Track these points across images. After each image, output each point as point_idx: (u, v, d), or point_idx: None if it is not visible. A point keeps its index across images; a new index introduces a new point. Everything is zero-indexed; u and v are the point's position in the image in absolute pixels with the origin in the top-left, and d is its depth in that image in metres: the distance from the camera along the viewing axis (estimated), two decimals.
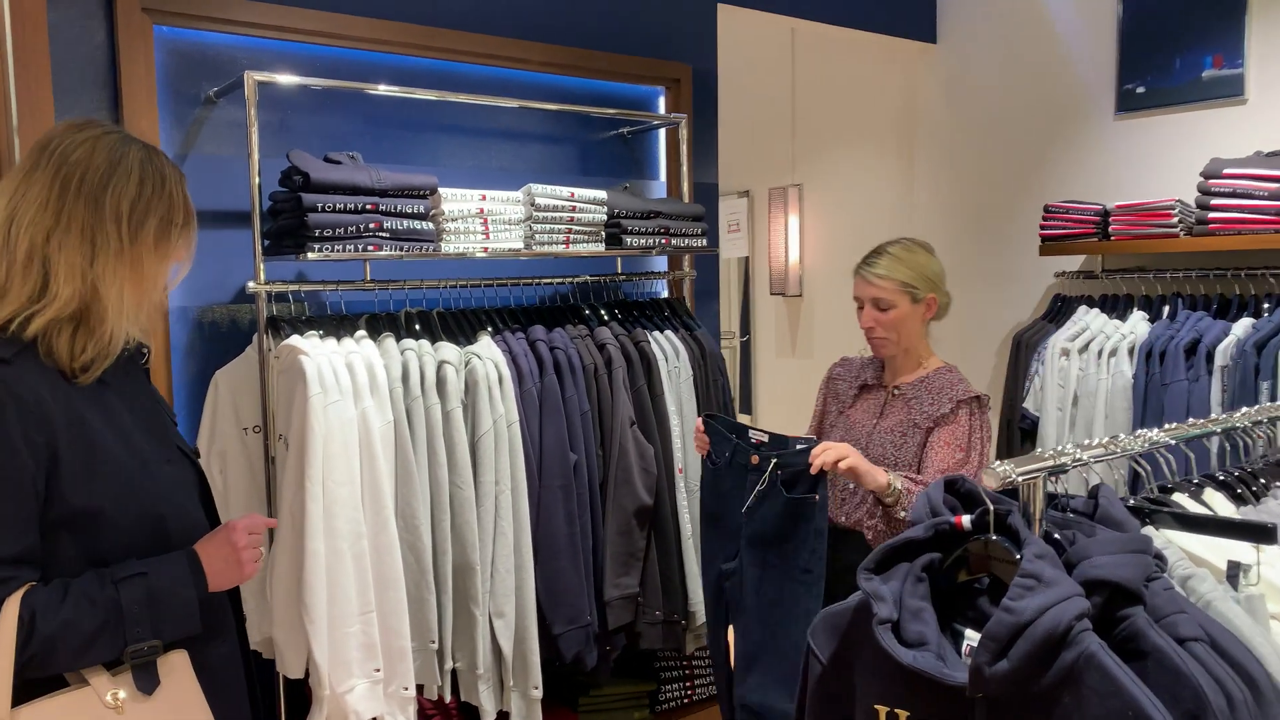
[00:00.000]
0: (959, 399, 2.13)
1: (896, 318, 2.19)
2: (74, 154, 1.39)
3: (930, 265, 2.22)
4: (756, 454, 2.09)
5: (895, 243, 2.24)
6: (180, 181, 1.49)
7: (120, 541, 1.37)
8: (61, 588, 1.31)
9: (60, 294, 1.34)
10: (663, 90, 3.22)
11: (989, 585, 1.17)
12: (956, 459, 2.08)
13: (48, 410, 1.31)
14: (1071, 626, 1.02)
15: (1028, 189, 3.84)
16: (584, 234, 2.68)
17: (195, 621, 1.39)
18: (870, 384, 2.32)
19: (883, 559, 1.19)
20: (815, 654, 1.26)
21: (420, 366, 2.30)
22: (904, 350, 2.23)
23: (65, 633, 1.28)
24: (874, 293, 2.19)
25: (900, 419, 2.20)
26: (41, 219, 1.36)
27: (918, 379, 2.22)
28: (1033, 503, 1.15)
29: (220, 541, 1.46)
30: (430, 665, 2.28)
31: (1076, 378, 3.21)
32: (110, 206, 1.38)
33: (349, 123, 2.64)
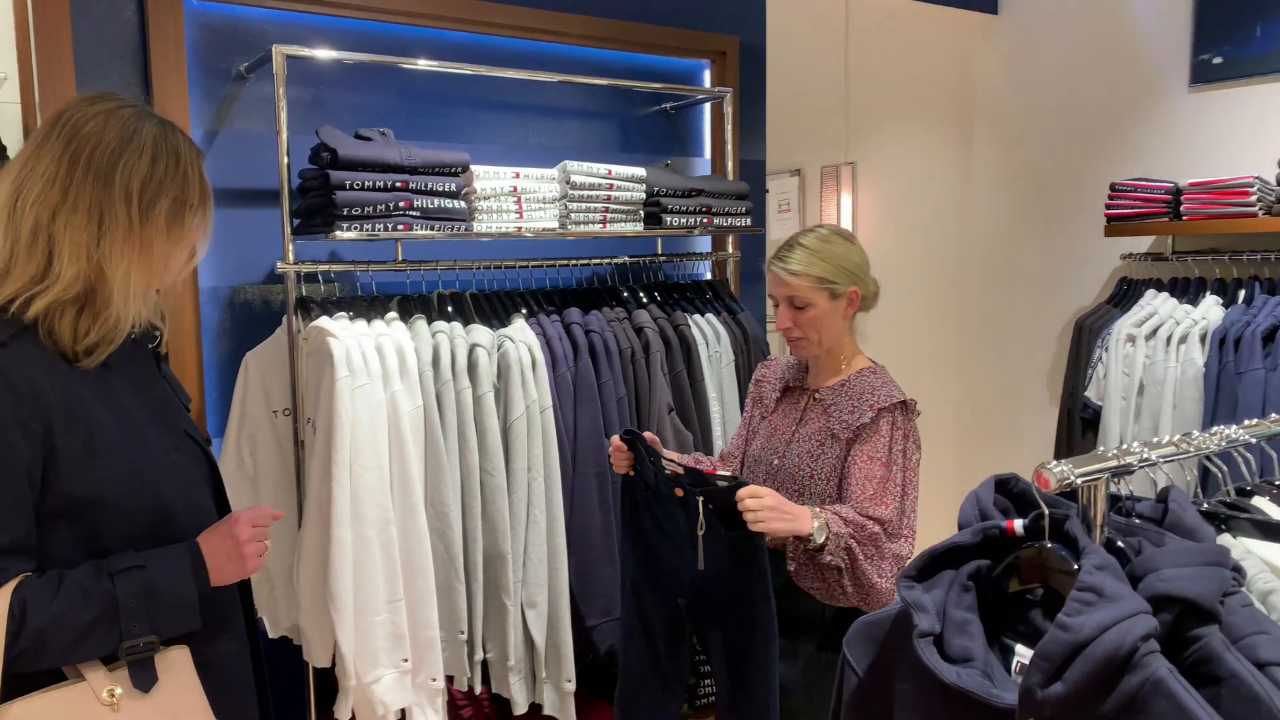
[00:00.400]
0: (880, 406, 1.90)
1: (815, 316, 1.95)
2: (85, 127, 1.32)
3: (849, 255, 1.98)
4: (679, 486, 1.85)
5: (809, 232, 2.00)
6: (197, 160, 1.41)
7: (121, 532, 1.31)
8: (56, 580, 1.25)
9: (63, 275, 1.28)
10: (708, 63, 3.10)
11: (1043, 597, 1.06)
12: (877, 476, 1.86)
13: (44, 395, 1.25)
14: (1136, 648, 0.91)
15: (1093, 167, 3.65)
16: (622, 213, 2.59)
17: (195, 617, 1.33)
18: (792, 387, 2.10)
19: (925, 565, 1.08)
20: (851, 665, 1.17)
21: (451, 349, 2.23)
22: (827, 350, 2.01)
23: (58, 626, 1.23)
24: (788, 290, 1.96)
25: (818, 427, 1.98)
26: (48, 195, 1.29)
27: (838, 383, 2.00)
28: (1094, 507, 1.04)
29: (222, 534, 1.39)
30: (460, 656, 2.22)
31: (1143, 365, 3.05)
32: (120, 184, 1.31)
33: (382, 99, 2.58)
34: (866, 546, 1.80)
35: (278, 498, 2.30)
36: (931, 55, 4.31)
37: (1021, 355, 3.99)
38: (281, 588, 2.31)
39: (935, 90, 4.32)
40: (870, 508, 1.83)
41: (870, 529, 1.81)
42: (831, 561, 1.78)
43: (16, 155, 1.35)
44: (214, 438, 2.39)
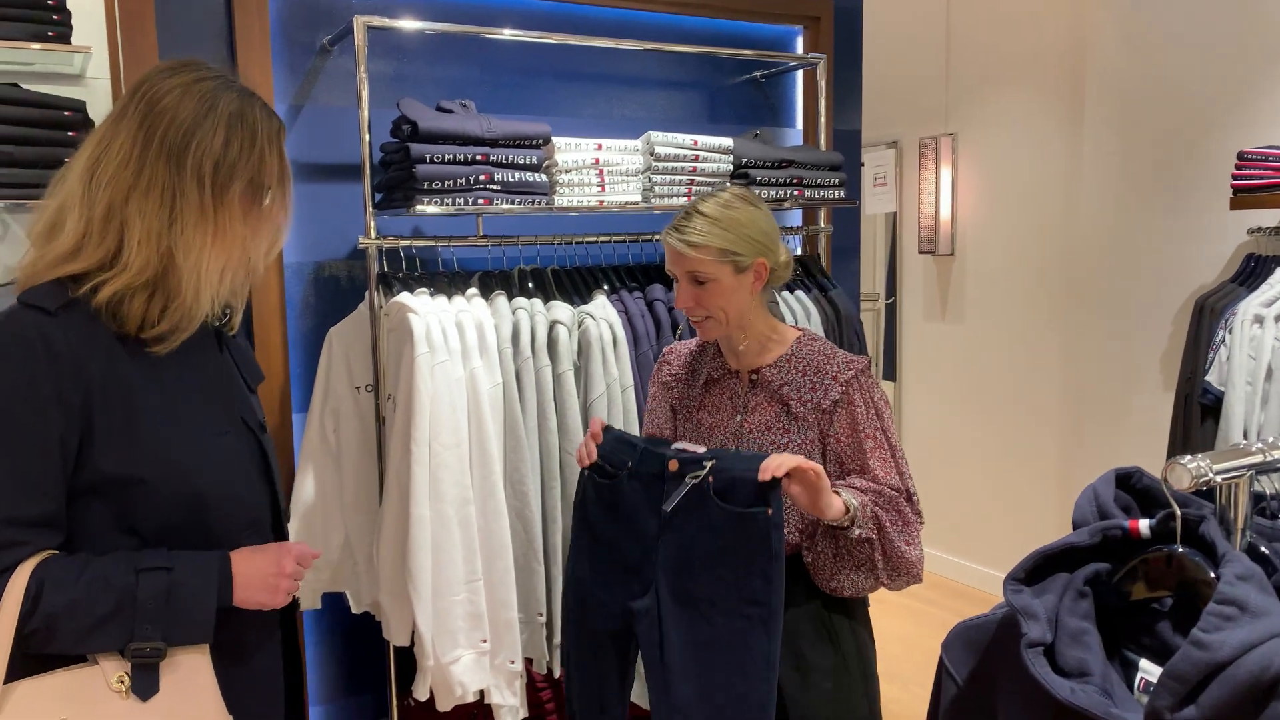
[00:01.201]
0: (844, 377, 1.71)
1: (718, 292, 1.73)
2: (162, 101, 1.26)
3: (756, 223, 1.75)
4: (677, 459, 1.62)
5: (710, 198, 1.77)
6: (276, 137, 1.34)
7: (154, 514, 1.26)
8: (81, 564, 1.22)
9: (133, 263, 1.24)
10: (800, 29, 2.97)
11: (1172, 607, 0.94)
12: (866, 448, 1.69)
13: (86, 368, 1.22)
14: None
15: (1218, 136, 3.39)
16: (708, 185, 2.49)
17: (208, 631, 1.26)
18: (716, 375, 1.84)
19: (1035, 567, 0.98)
20: (950, 672, 1.07)
21: (532, 326, 2.18)
22: (737, 328, 1.78)
23: (70, 613, 1.19)
24: (687, 265, 1.73)
25: (772, 412, 1.75)
26: (122, 175, 1.25)
27: (780, 359, 1.77)
28: (1234, 508, 0.92)
29: (269, 559, 1.33)
30: (538, 638, 2.18)
31: (1272, 348, 2.82)
32: (192, 166, 1.26)
33: (465, 70, 2.54)
34: (890, 512, 1.65)
35: (359, 473, 2.29)
36: (1039, 19, 4.08)
37: (1134, 337, 3.75)
38: (364, 564, 2.30)
39: (1043, 56, 4.09)
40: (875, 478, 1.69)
41: (887, 493, 1.66)
42: (861, 534, 1.61)
43: (98, 126, 1.31)
44: (298, 413, 2.39)
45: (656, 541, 1.63)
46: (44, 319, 1.20)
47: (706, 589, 1.58)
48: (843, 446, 1.72)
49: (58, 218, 1.26)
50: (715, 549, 1.57)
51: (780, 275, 1.82)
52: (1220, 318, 3.03)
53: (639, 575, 1.66)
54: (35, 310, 1.21)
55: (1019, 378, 4.30)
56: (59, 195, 1.28)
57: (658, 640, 1.62)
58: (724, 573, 1.57)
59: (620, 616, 1.67)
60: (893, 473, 1.70)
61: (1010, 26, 4.21)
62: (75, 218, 1.25)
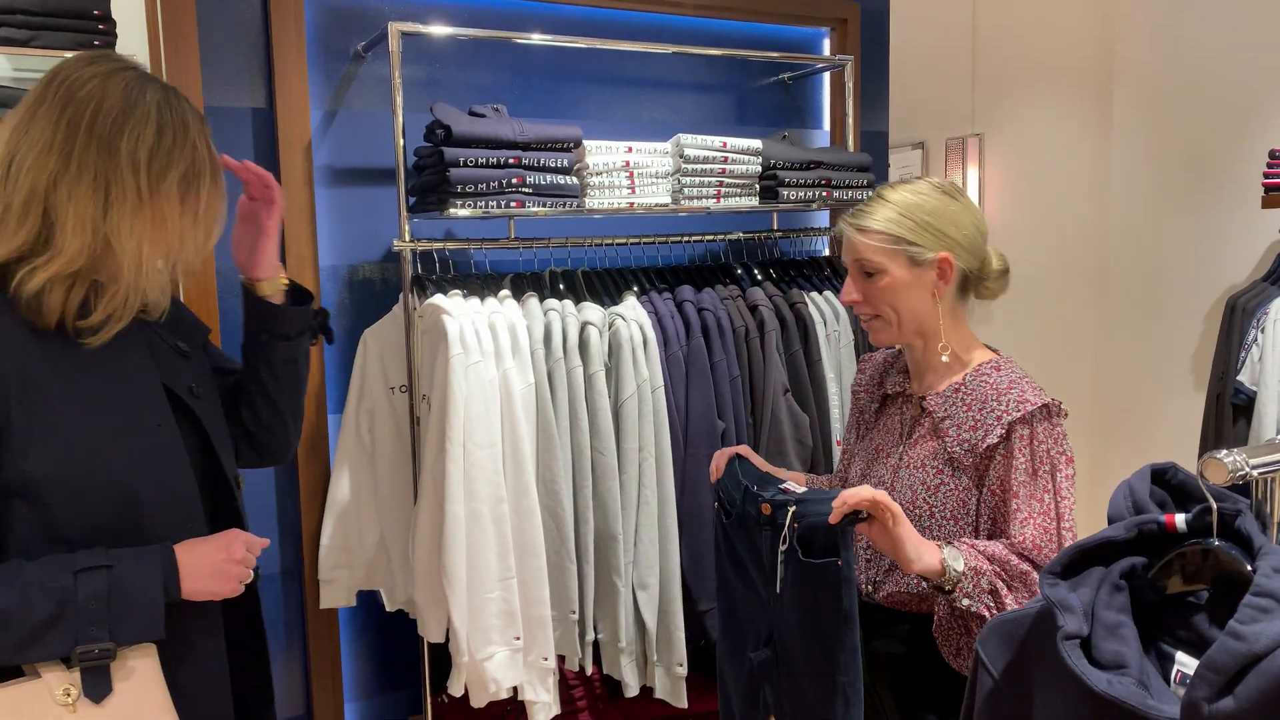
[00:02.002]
0: (1011, 418, 1.45)
1: (888, 287, 1.53)
2: (82, 90, 1.24)
3: (946, 213, 1.53)
4: (768, 502, 1.48)
5: (899, 184, 1.57)
6: (204, 132, 1.33)
7: (81, 515, 1.22)
8: (13, 571, 1.17)
9: (67, 248, 1.21)
10: (827, 31, 2.98)
11: (1209, 600, 0.95)
12: (1018, 506, 1.45)
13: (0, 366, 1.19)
14: None
15: (1249, 134, 3.37)
16: (737, 187, 2.51)
17: (158, 627, 1.22)
18: (893, 393, 1.66)
19: (1071, 561, 0.99)
20: (985, 666, 1.08)
21: (563, 327, 2.21)
22: (916, 334, 1.57)
23: (5, 623, 1.15)
24: (857, 252, 1.55)
25: (931, 449, 1.54)
26: (46, 161, 1.22)
27: (950, 387, 1.55)
28: (1270, 502, 0.93)
29: (216, 545, 1.31)
30: (571, 636, 2.21)
31: None
32: (126, 153, 1.23)
33: (496, 75, 2.57)
34: (1018, 591, 1.41)
35: (394, 472, 2.32)
36: (1068, 18, 4.06)
37: (1164, 336, 3.73)
38: (398, 561, 2.34)
39: (1071, 56, 4.07)
40: (1016, 544, 1.45)
41: (1019, 568, 1.42)
42: (970, 607, 1.39)
43: (8, 116, 1.26)
44: (333, 413, 2.43)
45: (768, 591, 1.51)
46: None
47: (802, 649, 1.47)
48: (995, 500, 1.49)
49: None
50: (800, 605, 1.45)
51: (989, 287, 1.59)
52: (1252, 317, 3.02)
53: (757, 622, 1.55)
54: None
55: (1049, 378, 4.27)
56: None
57: (777, 692, 1.53)
58: (809, 633, 1.45)
59: (747, 666, 1.57)
60: (1042, 543, 1.43)
61: (1037, 26, 4.19)
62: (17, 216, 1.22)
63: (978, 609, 1.39)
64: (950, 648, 1.48)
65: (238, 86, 2.28)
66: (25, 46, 1.75)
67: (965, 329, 1.61)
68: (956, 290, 1.58)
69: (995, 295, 1.61)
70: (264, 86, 2.30)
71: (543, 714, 2.15)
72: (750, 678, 1.58)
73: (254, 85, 2.29)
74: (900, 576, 1.55)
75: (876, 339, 1.61)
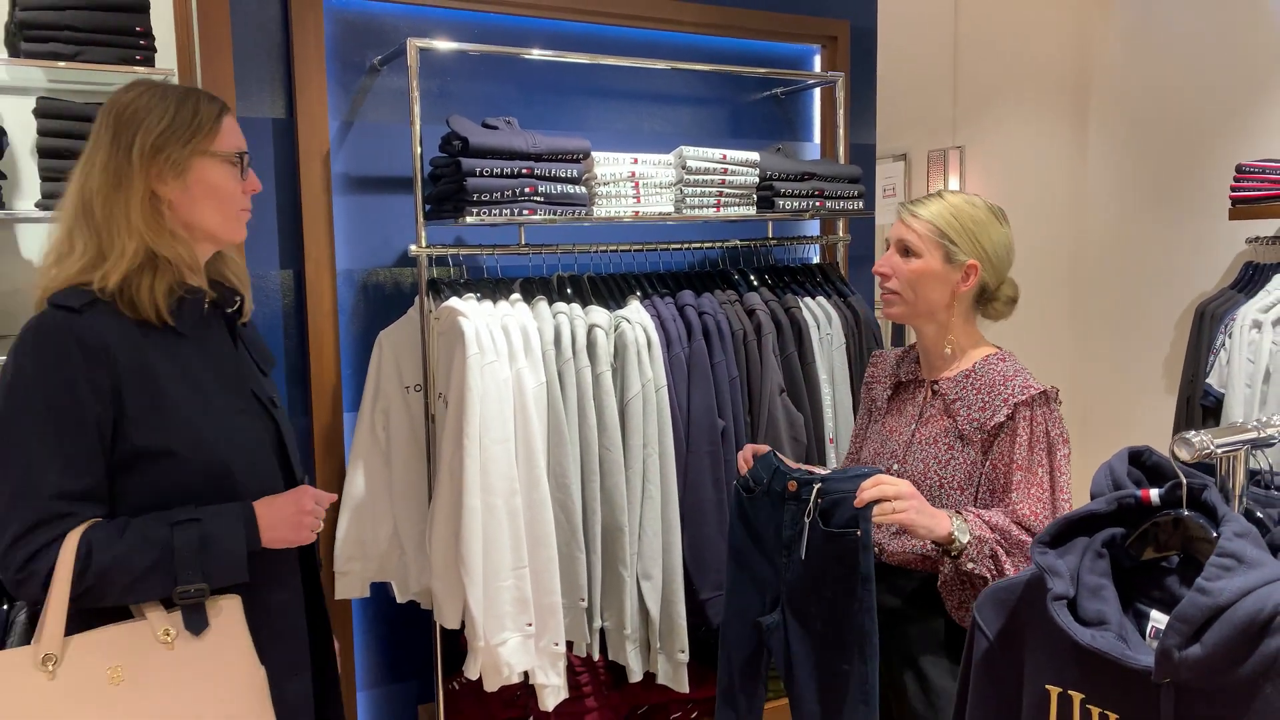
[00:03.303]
0: (1016, 400, 1.65)
1: (919, 271, 1.73)
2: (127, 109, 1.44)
3: (988, 229, 1.75)
4: (794, 479, 1.68)
5: (959, 193, 1.79)
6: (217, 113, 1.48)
7: (184, 484, 1.41)
8: (121, 525, 1.37)
9: (127, 248, 1.40)
10: (818, 49, 3.12)
11: (1179, 564, 1.08)
12: (1019, 480, 1.64)
13: (113, 355, 1.37)
14: (1277, 612, 0.93)
15: (1218, 148, 3.54)
16: (735, 197, 2.64)
17: (243, 571, 1.42)
18: (905, 380, 1.86)
19: (1059, 532, 1.11)
20: (981, 629, 1.20)
21: (571, 329, 2.32)
22: (926, 320, 1.77)
23: (118, 566, 1.34)
24: (903, 232, 1.76)
25: (942, 427, 1.74)
26: (104, 181, 1.41)
27: (960, 373, 1.75)
28: (1232, 478, 1.05)
29: (288, 500, 1.49)
30: (580, 623, 2.31)
31: (1270, 352, 2.96)
32: (137, 146, 1.42)
33: (502, 88, 2.68)
34: (1015, 556, 1.59)
35: (409, 468, 2.42)
36: (1045, 34, 4.23)
37: (1138, 342, 3.89)
38: (412, 554, 2.43)
39: (1049, 71, 4.24)
40: (1016, 514, 1.63)
41: (1018, 536, 1.60)
42: (974, 570, 1.57)
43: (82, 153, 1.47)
44: (348, 412, 2.53)
45: (782, 560, 1.70)
46: (72, 316, 1.36)
47: (816, 609, 1.65)
48: (996, 473, 1.67)
49: (66, 245, 1.42)
50: (819, 569, 1.63)
51: (997, 308, 1.79)
52: (1220, 323, 3.17)
53: (769, 591, 1.73)
54: (63, 310, 1.37)
55: None
56: (63, 222, 1.44)
57: (786, 659, 1.71)
58: (826, 594, 1.63)
59: (754, 630, 1.75)
60: (1040, 516, 1.61)
61: (1017, 44, 4.36)
62: (83, 235, 1.41)
63: (980, 571, 1.58)
64: (953, 601, 1.66)
65: (259, 98, 2.37)
66: (72, 61, 1.85)
67: (974, 329, 1.81)
68: (973, 297, 1.78)
69: (999, 318, 1.81)
70: (284, 98, 2.40)
71: (552, 697, 2.25)
72: (755, 645, 1.75)
73: (274, 97, 2.39)
74: (907, 540, 1.73)
75: (889, 312, 1.81)
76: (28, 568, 1.32)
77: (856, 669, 1.60)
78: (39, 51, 1.84)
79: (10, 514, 1.33)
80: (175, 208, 1.45)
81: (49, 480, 1.33)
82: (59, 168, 1.91)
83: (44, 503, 1.33)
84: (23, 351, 1.36)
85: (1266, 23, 3.36)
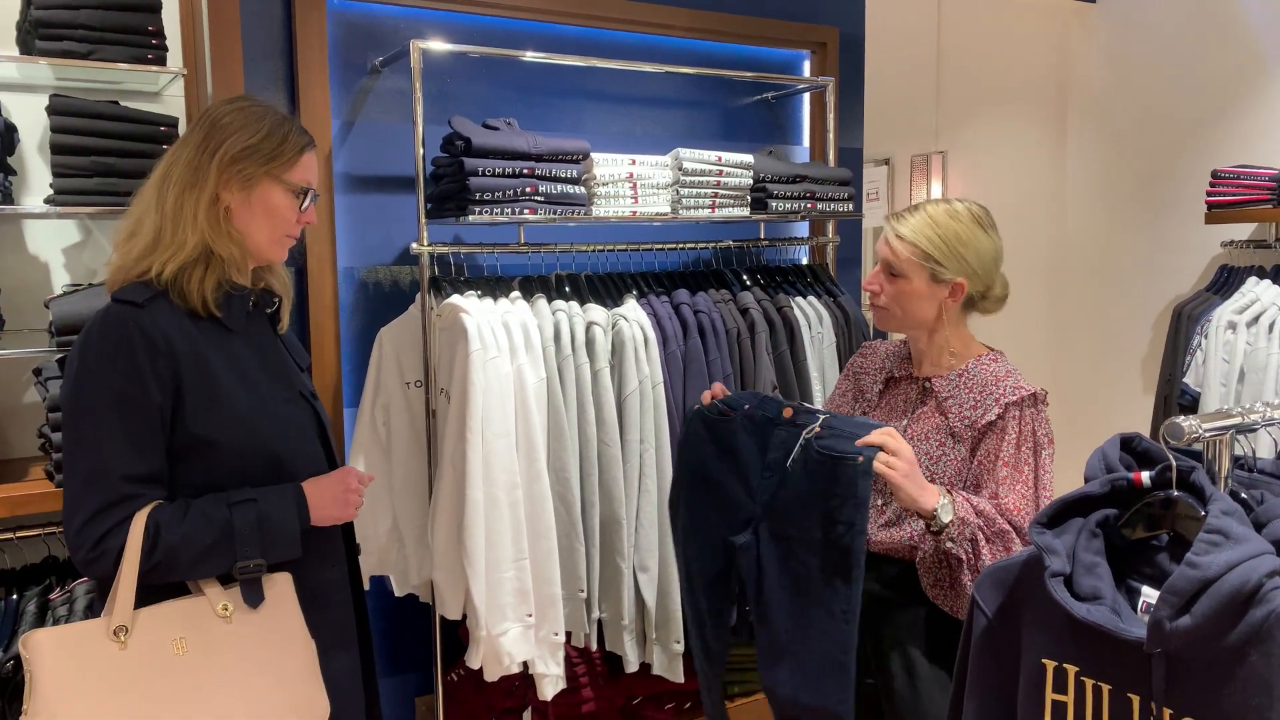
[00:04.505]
0: (1007, 400, 1.69)
1: (905, 292, 1.75)
2: (222, 120, 1.55)
3: (973, 243, 1.74)
4: (793, 408, 1.70)
5: (942, 202, 1.77)
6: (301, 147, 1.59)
7: (236, 470, 1.50)
8: (184, 506, 1.45)
9: (188, 240, 1.49)
10: (808, 54, 3.19)
11: (1169, 542, 1.14)
12: (1005, 475, 1.67)
13: (174, 348, 1.45)
14: (1262, 584, 0.99)
15: (1194, 154, 3.64)
16: (730, 198, 2.69)
17: (297, 547, 1.52)
18: (898, 376, 1.88)
19: (1056, 513, 1.17)
20: (980, 607, 1.26)
21: (570, 327, 2.37)
22: (917, 329, 1.80)
23: (185, 544, 1.42)
24: (887, 253, 1.76)
25: (935, 424, 1.77)
26: (184, 177, 1.51)
27: (954, 372, 1.78)
28: (1219, 460, 1.12)
29: (334, 480, 1.59)
30: (579, 613, 2.36)
31: (1244, 352, 3.05)
32: (221, 153, 1.52)
33: (500, 90, 2.73)
34: (995, 544, 1.62)
35: (409, 463, 2.46)
36: (1026, 43, 4.32)
37: (1117, 342, 3.99)
38: (412, 547, 2.47)
39: (1029, 78, 4.33)
40: (1001, 506, 1.65)
41: (1000, 525, 1.63)
42: (953, 550, 1.61)
43: (170, 147, 1.58)
44: (349, 407, 2.56)
45: (759, 481, 1.72)
46: (136, 311, 1.45)
47: (799, 529, 1.66)
48: (982, 468, 1.70)
49: (137, 225, 1.52)
50: (809, 491, 1.64)
51: (987, 307, 1.81)
52: (1196, 324, 3.27)
53: (741, 511, 1.75)
54: (128, 305, 1.46)
55: None
56: (139, 205, 1.53)
57: (757, 575, 1.72)
58: (815, 515, 1.63)
59: (722, 549, 1.76)
60: (1023, 511, 1.64)
61: (998, 50, 4.45)
62: (152, 220, 1.50)
63: (958, 552, 1.61)
64: (929, 579, 1.70)
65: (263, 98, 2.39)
66: (85, 59, 1.88)
67: (965, 331, 1.84)
68: (961, 306, 1.80)
69: (990, 313, 1.83)
70: (287, 97, 2.44)
71: (551, 687, 2.30)
72: (723, 564, 1.77)
73: (278, 97, 2.42)
74: (895, 530, 1.76)
75: (880, 324, 1.85)
76: (100, 546, 1.40)
77: (840, 589, 1.61)
78: (52, 50, 1.87)
79: (83, 495, 1.41)
80: (233, 215, 1.54)
81: (118, 464, 1.41)
82: (72, 164, 1.94)
83: (114, 484, 1.41)
84: (89, 344, 1.44)
85: (1240, 35, 3.47)
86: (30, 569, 2.18)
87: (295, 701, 1.51)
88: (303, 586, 1.56)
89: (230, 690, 1.45)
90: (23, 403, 2.28)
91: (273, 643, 1.49)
